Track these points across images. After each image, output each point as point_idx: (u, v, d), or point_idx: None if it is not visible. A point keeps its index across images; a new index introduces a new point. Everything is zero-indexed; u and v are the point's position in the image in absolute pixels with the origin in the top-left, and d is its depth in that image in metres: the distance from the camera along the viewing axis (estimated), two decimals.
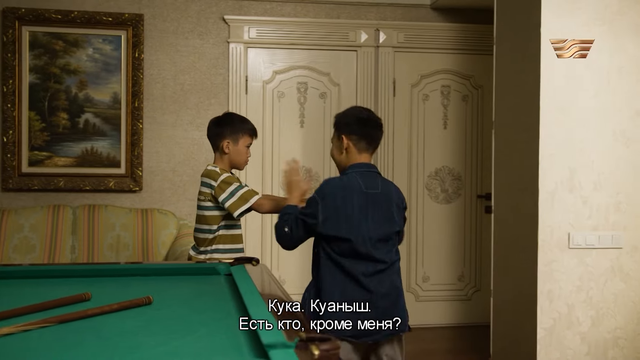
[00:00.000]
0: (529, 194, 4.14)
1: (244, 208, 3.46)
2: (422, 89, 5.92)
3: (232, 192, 3.45)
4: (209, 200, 3.51)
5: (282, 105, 5.73)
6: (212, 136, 3.63)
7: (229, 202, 3.45)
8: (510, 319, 4.42)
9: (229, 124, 3.60)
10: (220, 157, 3.60)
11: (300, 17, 5.72)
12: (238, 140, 3.57)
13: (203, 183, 3.55)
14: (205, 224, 3.55)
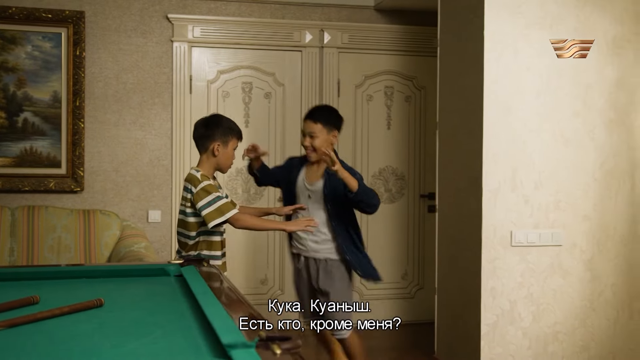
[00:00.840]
0: (473, 193, 4.22)
1: (219, 220, 3.35)
2: (366, 90, 5.98)
3: (210, 202, 3.34)
4: (189, 207, 3.42)
5: (226, 105, 5.70)
6: (200, 138, 3.51)
7: (205, 211, 3.35)
8: (454, 316, 4.51)
9: (219, 126, 3.49)
10: (207, 160, 3.49)
11: (245, 17, 5.71)
12: (228, 143, 3.48)
13: (185, 188, 3.46)
14: (185, 230, 3.47)
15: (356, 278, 3.88)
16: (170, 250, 5.54)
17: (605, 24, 4.28)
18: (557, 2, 4.21)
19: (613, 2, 4.29)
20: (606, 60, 4.29)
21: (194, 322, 2.16)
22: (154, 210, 5.55)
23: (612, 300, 4.32)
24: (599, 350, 4.30)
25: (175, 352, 1.86)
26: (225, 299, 2.44)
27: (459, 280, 4.42)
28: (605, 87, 4.29)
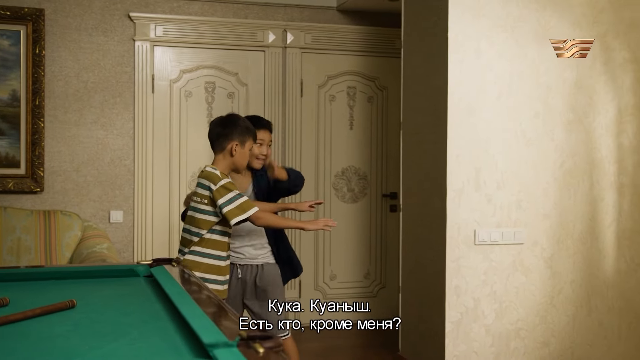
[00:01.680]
0: (437, 193, 4.28)
1: (242, 217, 3.31)
2: (329, 90, 6.01)
3: (232, 199, 3.30)
4: (205, 204, 3.36)
5: (189, 104, 5.68)
6: (217, 137, 3.46)
7: (227, 208, 3.30)
8: (418, 314, 4.56)
9: (237, 125, 3.46)
10: (224, 159, 3.44)
11: (208, 16, 5.69)
12: (245, 142, 3.45)
13: (200, 184, 3.40)
14: (194, 227, 3.41)
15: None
16: (132, 251, 5.50)
17: (564, 27, 4.38)
18: (519, 5, 4.29)
19: (572, 7, 4.39)
20: (565, 63, 4.39)
21: (170, 323, 2.16)
22: (115, 211, 5.50)
23: (571, 297, 4.43)
24: (559, 345, 4.40)
25: (155, 353, 1.85)
26: (199, 299, 2.43)
27: (424, 279, 4.48)
28: (565, 89, 4.39)
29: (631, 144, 4.51)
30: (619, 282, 4.51)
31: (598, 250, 4.46)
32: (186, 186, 5.64)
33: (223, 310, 2.25)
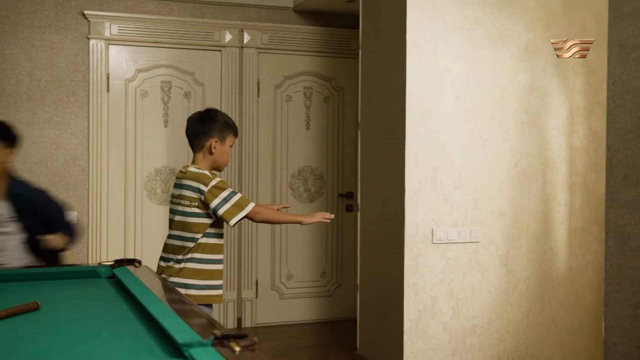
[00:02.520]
0: (396, 193, 4.34)
1: (241, 216, 3.15)
2: (286, 90, 6.03)
3: (226, 198, 3.14)
4: (196, 207, 3.17)
5: (145, 104, 5.63)
6: (196, 134, 3.29)
7: (222, 209, 3.13)
8: (377, 312, 4.61)
9: (215, 121, 3.29)
10: (204, 158, 3.27)
11: (164, 15, 5.64)
12: (225, 139, 3.28)
13: (187, 186, 3.20)
14: (187, 232, 3.21)
15: None
16: (87, 252, 5.42)
17: (519, 30, 4.48)
18: (475, 8, 4.38)
19: (526, 10, 4.50)
20: (519, 66, 4.50)
21: (140, 324, 2.15)
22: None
23: (525, 294, 4.54)
24: (514, 341, 4.51)
25: (129, 354, 1.85)
26: (167, 299, 2.43)
27: (382, 277, 4.53)
28: (519, 90, 4.50)
29: (582, 144, 4.64)
30: (571, 279, 4.64)
31: (550, 248, 4.58)
32: (142, 187, 5.59)
33: (193, 310, 2.25)
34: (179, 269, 3.20)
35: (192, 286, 3.20)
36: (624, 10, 2.75)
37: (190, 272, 3.19)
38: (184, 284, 3.19)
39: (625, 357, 2.72)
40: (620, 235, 2.74)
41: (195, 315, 2.18)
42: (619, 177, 2.75)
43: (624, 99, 2.73)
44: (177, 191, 3.28)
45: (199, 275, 3.20)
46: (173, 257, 3.25)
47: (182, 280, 3.20)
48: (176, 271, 3.21)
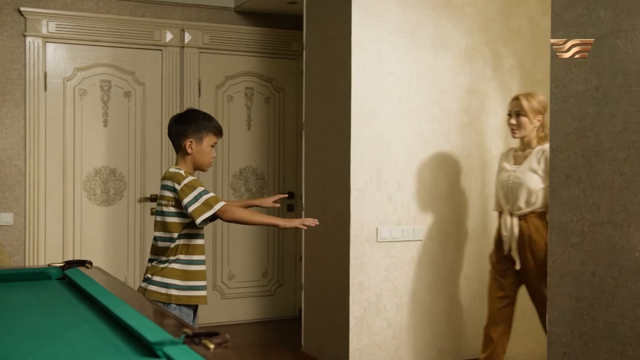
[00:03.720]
0: (341, 192, 4.41)
1: (208, 214, 3.10)
2: (227, 90, 6.03)
3: (197, 196, 3.11)
4: (172, 205, 3.17)
5: (84, 103, 5.54)
6: (174, 135, 3.29)
7: (192, 207, 3.10)
8: (321, 311, 4.67)
9: (192, 121, 3.26)
10: (183, 158, 3.27)
11: (103, 14, 5.57)
12: (202, 139, 3.24)
13: (165, 186, 3.21)
14: (166, 232, 3.21)
15: None
16: (24, 255, 5.30)
17: (459, 34, 4.62)
18: (417, 11, 4.49)
19: (465, 15, 4.64)
20: (459, 69, 4.63)
21: (103, 324, 2.14)
22: (5, 213, 5.28)
23: (464, 290, 4.68)
24: (455, 336, 4.64)
25: (98, 354, 1.85)
26: (128, 299, 2.42)
27: (327, 276, 4.60)
28: (459, 92, 4.63)
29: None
30: None
31: (489, 245, 4.72)
32: (81, 187, 5.49)
33: (157, 310, 2.26)
34: (162, 268, 3.19)
35: (173, 286, 3.17)
36: (565, 17, 2.89)
37: (172, 272, 3.17)
38: (164, 283, 3.18)
39: (567, 348, 2.85)
40: (563, 232, 2.87)
41: (160, 314, 2.19)
42: (561, 177, 2.89)
43: (566, 102, 2.87)
44: (160, 192, 3.28)
45: (182, 277, 3.18)
46: (157, 257, 3.24)
47: (163, 279, 3.18)
48: (158, 270, 3.19)
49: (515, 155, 3.98)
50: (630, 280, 2.59)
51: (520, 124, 3.86)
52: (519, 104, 3.86)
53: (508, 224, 3.89)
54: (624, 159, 2.62)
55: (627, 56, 2.62)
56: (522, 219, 3.84)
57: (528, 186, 3.81)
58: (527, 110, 3.83)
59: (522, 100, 3.86)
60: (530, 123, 3.85)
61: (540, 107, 3.86)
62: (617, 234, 2.64)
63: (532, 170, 3.82)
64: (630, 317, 2.59)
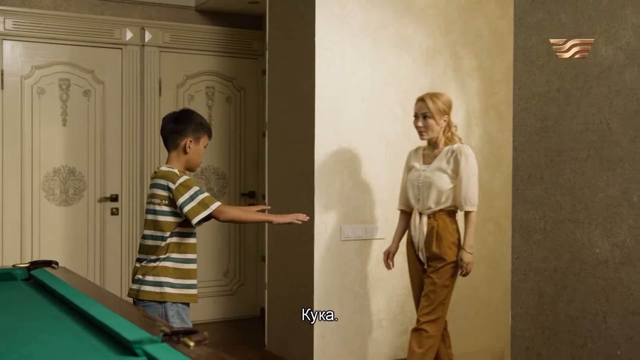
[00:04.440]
0: (305, 192, 4.44)
1: (204, 214, 3.12)
2: (188, 90, 6.01)
3: (192, 196, 3.11)
4: (165, 204, 3.15)
5: (42, 102, 5.46)
6: (171, 133, 3.26)
7: (188, 206, 3.10)
8: (286, 309, 4.70)
9: (192, 121, 3.27)
10: (177, 157, 3.26)
11: (62, 11, 5.50)
12: (199, 139, 3.27)
13: (158, 185, 3.19)
14: (158, 230, 3.18)
15: None
16: None
17: (420, 36, 4.69)
18: (380, 13, 4.55)
19: (426, 17, 4.71)
20: (421, 70, 4.71)
21: (76, 324, 2.14)
22: None
23: None
24: None
25: (75, 354, 1.85)
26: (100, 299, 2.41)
27: (291, 274, 4.62)
28: (421, 93, 4.67)
29: (477, 144, 4.91)
30: None
31: None
32: (39, 187, 5.42)
33: (131, 308, 2.26)
34: (153, 267, 3.15)
35: (167, 284, 3.15)
36: (528, 21, 2.97)
37: (164, 271, 3.15)
38: (158, 282, 3.15)
39: (530, 342, 2.94)
40: (525, 229, 2.96)
41: (134, 313, 2.19)
42: (524, 176, 2.97)
43: (528, 103, 2.95)
44: (150, 191, 3.26)
45: (175, 274, 3.16)
46: (146, 257, 3.21)
47: (156, 278, 3.15)
48: (150, 269, 3.16)
49: (424, 155, 3.93)
50: (591, 276, 2.68)
51: (428, 126, 3.81)
52: (425, 106, 3.82)
53: (417, 223, 3.85)
54: (585, 158, 2.71)
55: (588, 59, 2.71)
56: (431, 217, 3.82)
57: (438, 186, 3.78)
58: (434, 111, 3.79)
59: (428, 101, 3.81)
60: (437, 124, 3.80)
61: (446, 107, 3.83)
62: (578, 231, 2.73)
63: (442, 170, 3.79)
64: (591, 311, 2.68)
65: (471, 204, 3.78)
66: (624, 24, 2.58)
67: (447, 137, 3.86)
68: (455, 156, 3.77)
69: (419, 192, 3.85)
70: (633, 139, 2.54)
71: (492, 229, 4.97)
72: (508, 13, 4.97)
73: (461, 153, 3.77)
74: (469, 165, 3.76)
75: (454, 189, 3.79)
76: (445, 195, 3.79)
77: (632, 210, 2.54)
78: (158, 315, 3.10)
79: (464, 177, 3.75)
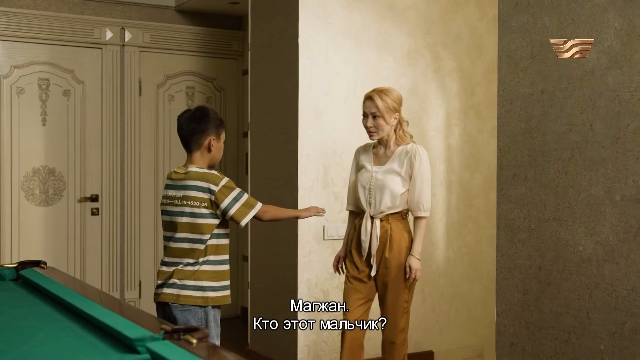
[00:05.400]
0: (288, 191, 4.48)
1: (250, 215, 3.13)
2: (168, 90, 6.01)
3: (236, 197, 3.09)
4: (205, 207, 3.08)
5: (21, 101, 5.43)
6: (193, 133, 3.18)
7: (233, 208, 3.08)
8: (269, 308, 4.72)
9: (211, 119, 3.21)
10: (202, 156, 3.19)
11: (41, 10, 5.47)
12: (220, 135, 3.24)
13: (195, 187, 3.10)
14: (197, 233, 3.11)
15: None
16: None
17: (401, 37, 4.75)
18: (362, 15, 4.59)
19: (407, 19, 4.77)
20: (402, 70, 4.76)
21: (72, 323, 2.15)
22: None
23: None
24: None
25: (77, 352, 1.86)
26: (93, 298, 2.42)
27: (274, 274, 4.65)
28: (402, 93, 4.71)
29: (457, 144, 4.98)
30: (449, 270, 4.96)
31: (431, 242, 4.88)
32: (19, 187, 5.38)
33: (126, 307, 2.28)
34: (193, 272, 3.10)
35: (209, 288, 3.11)
36: (512, 24, 3.03)
37: (205, 275, 3.10)
38: (199, 286, 3.09)
39: (515, 338, 3.00)
40: (510, 228, 3.02)
41: (131, 311, 2.21)
42: (509, 176, 3.03)
43: (513, 105, 3.01)
44: (179, 192, 3.14)
45: (215, 277, 3.12)
46: (182, 260, 3.13)
47: (198, 282, 3.09)
48: (190, 274, 3.08)
49: (375, 154, 3.71)
50: (574, 273, 2.75)
51: (377, 126, 3.59)
52: (374, 105, 3.58)
53: (368, 228, 3.59)
54: (569, 158, 2.78)
55: (571, 61, 2.78)
56: (384, 220, 3.58)
57: (391, 189, 3.55)
58: (383, 110, 3.55)
59: (377, 100, 3.57)
60: (387, 123, 3.57)
61: (396, 104, 3.61)
62: (562, 229, 2.80)
63: (395, 173, 3.57)
64: (575, 307, 2.75)
65: (424, 209, 3.57)
66: (606, 28, 2.66)
67: (398, 136, 3.65)
68: (409, 158, 3.56)
69: (371, 195, 3.61)
70: (615, 139, 2.61)
71: (472, 227, 5.05)
72: (487, 15, 5.06)
73: (416, 155, 3.56)
74: (423, 168, 3.56)
75: (407, 192, 3.58)
76: (400, 199, 3.56)
77: (614, 208, 2.61)
78: (198, 320, 3.08)
79: (417, 181, 3.54)
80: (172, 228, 3.19)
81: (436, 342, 4.93)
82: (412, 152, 3.57)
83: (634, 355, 2.54)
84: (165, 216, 3.23)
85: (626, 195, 2.57)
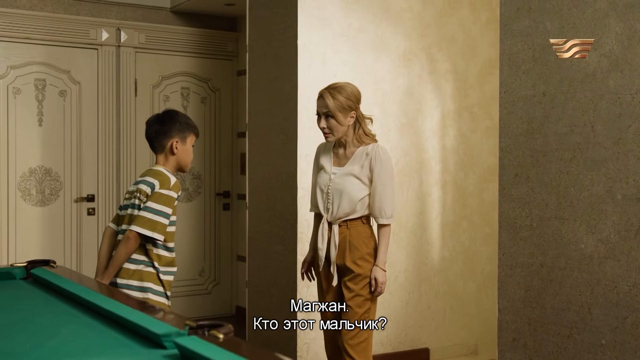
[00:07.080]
0: (287, 192, 4.53)
1: (144, 232, 3.13)
2: (163, 90, 6.04)
3: (158, 212, 3.15)
4: (143, 202, 3.19)
5: (18, 102, 5.44)
6: (156, 135, 3.27)
7: (143, 213, 3.14)
8: (267, 306, 4.77)
9: (175, 121, 3.28)
10: (166, 159, 3.28)
11: (37, 11, 5.49)
12: (186, 139, 3.29)
13: (144, 182, 3.21)
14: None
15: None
16: None
17: (398, 39, 4.82)
18: (359, 17, 4.66)
19: (403, 21, 4.84)
20: (398, 72, 4.83)
21: (93, 320, 2.18)
22: None
23: (404, 284, 4.88)
24: (395, 328, 4.84)
25: (104, 348, 1.90)
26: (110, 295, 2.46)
27: (273, 273, 4.70)
28: (398, 95, 4.83)
29: (452, 145, 5.06)
30: (444, 268, 5.04)
31: (427, 241, 4.96)
32: (15, 188, 5.40)
33: (146, 304, 2.32)
34: (138, 269, 3.26)
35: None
36: (514, 28, 3.11)
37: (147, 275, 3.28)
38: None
39: (517, 334, 3.08)
40: (512, 226, 3.10)
41: (152, 309, 2.25)
42: (510, 176, 3.11)
43: (515, 106, 3.09)
44: (133, 187, 3.27)
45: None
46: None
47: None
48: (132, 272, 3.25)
49: (335, 154, 3.46)
50: (576, 270, 2.83)
51: (331, 127, 3.34)
52: (324, 104, 3.32)
53: (325, 233, 3.38)
54: (570, 159, 2.86)
55: (572, 64, 2.86)
56: (343, 225, 3.35)
57: (349, 194, 3.31)
58: (335, 110, 3.29)
59: (327, 98, 3.31)
60: (341, 124, 3.31)
61: (352, 101, 3.33)
62: (564, 227, 2.88)
63: (354, 176, 3.33)
64: (577, 303, 2.83)
65: (386, 216, 3.31)
66: (607, 32, 2.74)
67: (358, 136, 3.38)
68: (369, 160, 3.31)
69: (328, 199, 3.38)
70: (617, 140, 2.70)
71: (466, 226, 5.13)
72: (480, 18, 5.14)
73: (376, 157, 3.30)
74: (384, 171, 3.29)
75: (369, 196, 3.34)
76: (359, 205, 3.33)
77: (616, 207, 2.69)
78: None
79: (378, 186, 3.29)
80: (118, 221, 3.36)
81: (432, 339, 5.01)
82: (372, 154, 3.31)
83: (635, 350, 2.62)
84: (122, 210, 3.37)
85: (627, 194, 2.65)
